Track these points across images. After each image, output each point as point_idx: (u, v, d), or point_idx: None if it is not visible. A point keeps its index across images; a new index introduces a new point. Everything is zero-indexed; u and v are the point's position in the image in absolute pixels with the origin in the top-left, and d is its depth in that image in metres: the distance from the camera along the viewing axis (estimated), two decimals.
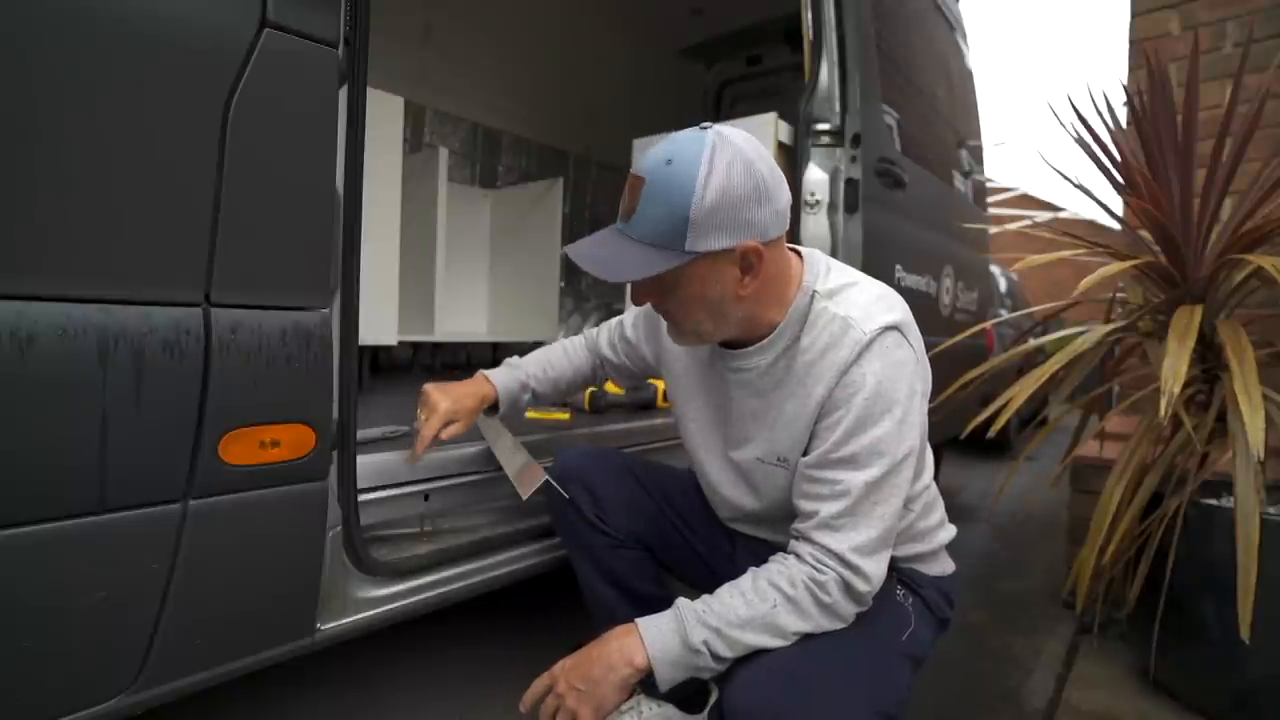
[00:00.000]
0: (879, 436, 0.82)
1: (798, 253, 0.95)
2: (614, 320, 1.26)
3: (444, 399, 1.14)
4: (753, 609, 0.80)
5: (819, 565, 0.81)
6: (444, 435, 1.13)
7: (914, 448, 0.86)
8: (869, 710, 0.79)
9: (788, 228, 0.87)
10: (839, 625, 0.82)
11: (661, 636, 0.82)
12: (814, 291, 0.90)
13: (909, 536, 0.96)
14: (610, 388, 1.75)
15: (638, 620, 0.85)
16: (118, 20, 0.71)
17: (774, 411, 0.92)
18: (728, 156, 0.78)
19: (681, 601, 0.85)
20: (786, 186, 0.85)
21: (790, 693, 0.76)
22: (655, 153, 0.81)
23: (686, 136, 0.81)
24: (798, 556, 0.83)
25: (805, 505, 0.85)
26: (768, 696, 0.76)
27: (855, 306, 0.87)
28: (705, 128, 0.82)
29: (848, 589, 0.81)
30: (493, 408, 1.22)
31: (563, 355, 1.27)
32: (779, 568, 0.83)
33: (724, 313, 0.87)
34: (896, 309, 0.88)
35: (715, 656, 0.80)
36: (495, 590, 1.24)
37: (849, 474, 0.82)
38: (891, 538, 0.85)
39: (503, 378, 1.22)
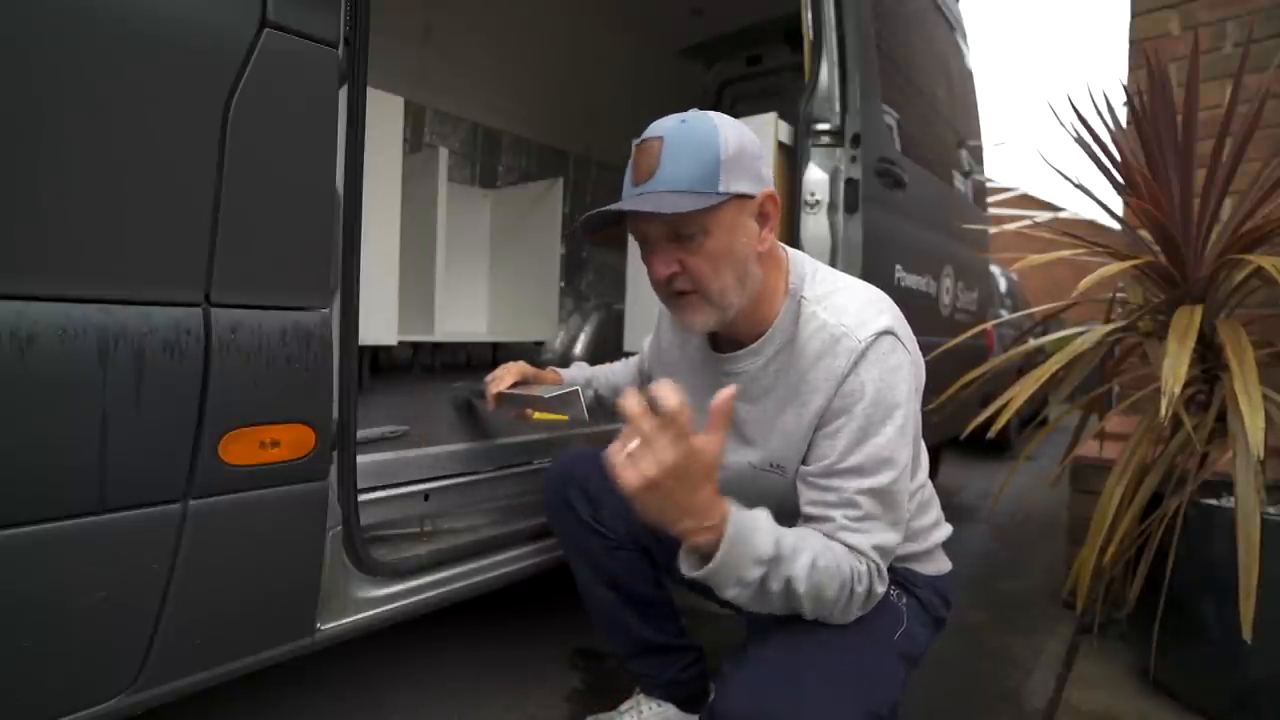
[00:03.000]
0: (882, 444, 0.81)
1: (783, 249, 0.95)
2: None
3: (525, 366, 1.27)
4: (811, 552, 0.76)
5: (857, 555, 0.80)
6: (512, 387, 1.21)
7: (914, 450, 0.86)
8: (860, 710, 0.79)
9: None
10: (844, 620, 0.81)
11: (746, 533, 0.74)
12: (803, 296, 0.90)
13: (904, 536, 0.96)
14: None
15: (733, 509, 0.75)
16: (118, 20, 0.71)
17: (769, 419, 0.91)
18: (725, 120, 0.85)
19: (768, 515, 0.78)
20: None
21: (780, 694, 0.76)
22: (662, 121, 0.85)
23: (668, 115, 0.86)
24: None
25: (814, 512, 0.84)
26: (757, 698, 0.76)
27: (846, 313, 0.86)
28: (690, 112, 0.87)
29: (870, 586, 0.81)
30: None
31: (621, 365, 1.35)
32: (829, 542, 0.79)
33: (747, 273, 0.87)
34: (887, 312, 0.88)
35: (763, 580, 0.74)
36: (495, 590, 1.24)
37: (857, 481, 0.81)
38: (900, 543, 0.85)
39: (569, 370, 1.33)
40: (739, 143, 0.83)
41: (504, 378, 1.23)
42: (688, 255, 0.84)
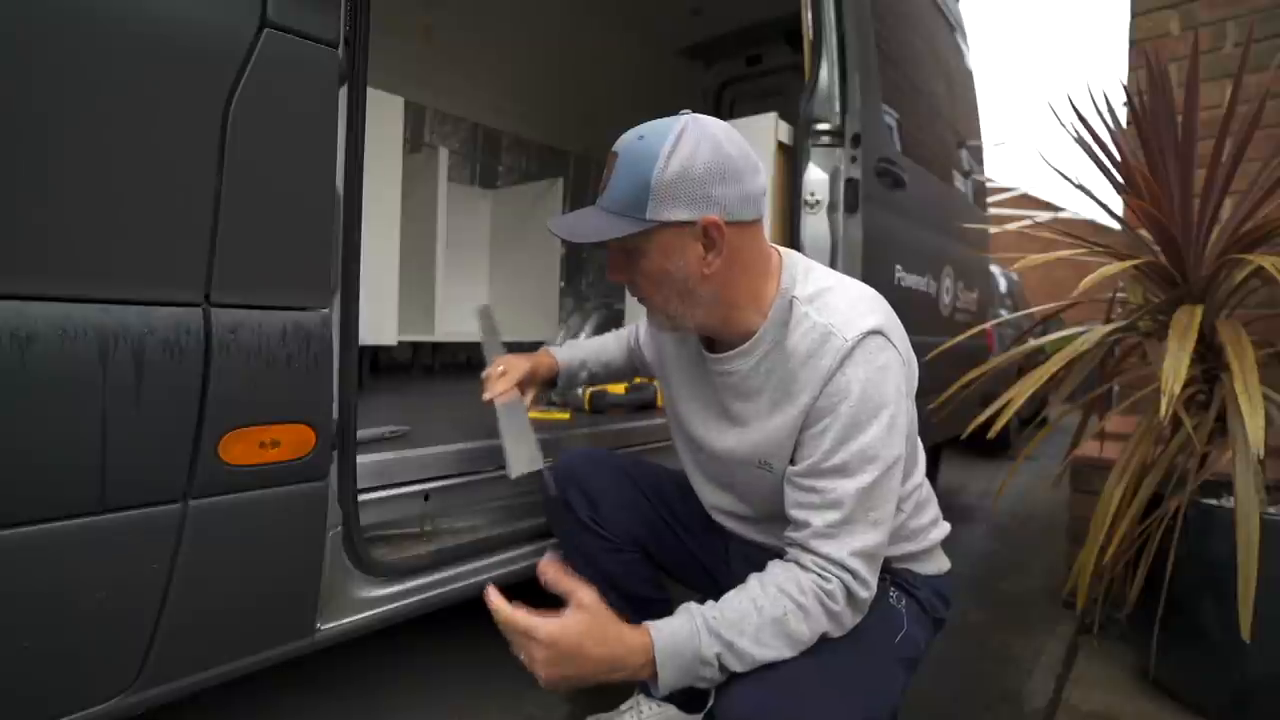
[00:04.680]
0: (867, 443, 0.81)
1: (777, 251, 0.94)
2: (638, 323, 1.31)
3: (525, 360, 1.26)
4: (763, 616, 0.78)
5: (824, 573, 0.80)
6: (500, 399, 1.20)
7: (903, 450, 0.85)
8: (860, 717, 0.79)
9: (761, 215, 0.87)
10: (841, 633, 0.81)
11: (675, 647, 0.77)
12: (793, 296, 0.89)
13: (901, 536, 0.96)
14: (611, 388, 1.75)
15: (653, 632, 0.78)
16: (118, 20, 0.71)
17: (758, 417, 0.91)
18: (696, 134, 0.81)
19: (693, 608, 0.81)
20: (763, 175, 0.86)
21: (782, 704, 0.76)
22: (632, 131, 0.85)
23: (663, 119, 0.85)
24: (800, 565, 0.82)
25: (798, 514, 0.84)
26: (758, 704, 0.76)
27: (836, 312, 0.86)
28: (683, 113, 0.86)
29: (850, 596, 0.80)
30: (552, 382, 1.32)
31: (613, 341, 1.36)
32: (786, 575, 0.81)
33: (691, 292, 0.86)
34: (878, 311, 0.87)
35: (723, 669, 0.78)
36: None
37: (840, 482, 0.81)
38: (886, 543, 0.85)
39: (563, 352, 1.33)
40: (684, 163, 0.80)
41: (498, 383, 1.23)
42: (627, 269, 0.89)
